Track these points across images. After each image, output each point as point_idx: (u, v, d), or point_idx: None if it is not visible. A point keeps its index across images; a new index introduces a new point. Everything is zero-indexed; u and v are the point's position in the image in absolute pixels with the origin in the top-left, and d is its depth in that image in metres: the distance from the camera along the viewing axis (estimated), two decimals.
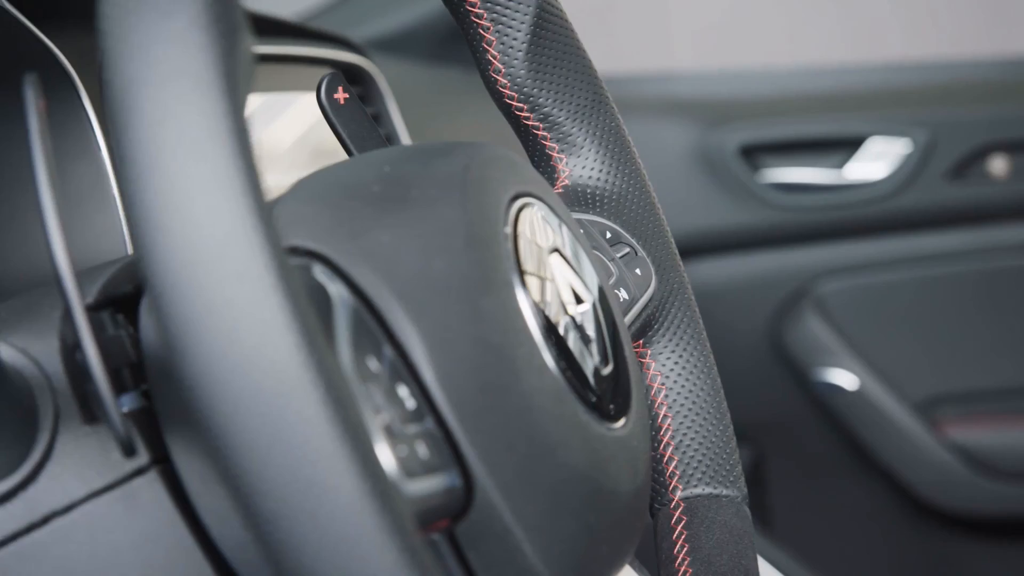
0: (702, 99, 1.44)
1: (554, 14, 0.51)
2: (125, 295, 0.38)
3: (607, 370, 0.41)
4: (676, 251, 0.54)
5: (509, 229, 0.39)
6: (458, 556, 0.37)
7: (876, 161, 1.33)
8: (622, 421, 0.41)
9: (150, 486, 0.36)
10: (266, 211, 0.28)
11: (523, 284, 0.38)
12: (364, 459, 0.28)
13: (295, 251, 0.36)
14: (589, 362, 0.40)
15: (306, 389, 0.27)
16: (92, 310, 0.36)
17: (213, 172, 0.28)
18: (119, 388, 0.36)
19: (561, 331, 0.39)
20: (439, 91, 1.18)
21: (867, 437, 1.35)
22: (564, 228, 0.43)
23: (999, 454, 1.29)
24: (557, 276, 0.41)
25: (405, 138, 0.88)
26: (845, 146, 1.34)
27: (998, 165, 1.31)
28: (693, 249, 1.39)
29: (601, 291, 0.44)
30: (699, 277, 1.40)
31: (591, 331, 0.41)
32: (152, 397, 0.36)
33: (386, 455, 0.32)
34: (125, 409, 0.36)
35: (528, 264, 0.39)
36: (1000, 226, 1.34)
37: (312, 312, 0.28)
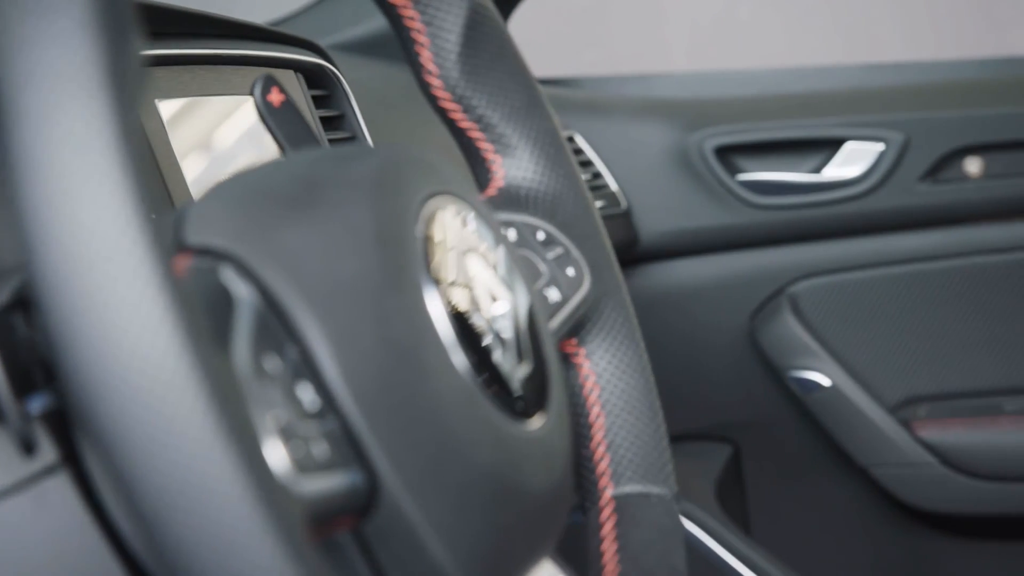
0: (681, 101, 1.44)
1: (486, 16, 0.51)
2: None
3: (524, 370, 0.42)
4: (611, 251, 0.55)
5: (420, 230, 0.40)
6: (367, 554, 0.37)
7: (853, 162, 1.33)
8: (538, 420, 0.42)
9: (59, 486, 0.36)
10: (148, 211, 0.29)
11: (434, 284, 0.39)
12: (245, 456, 0.29)
13: (206, 250, 0.37)
14: (504, 362, 0.41)
15: (184, 387, 0.28)
16: (4, 311, 0.37)
17: (96, 173, 0.28)
18: (29, 388, 0.37)
19: (474, 331, 0.40)
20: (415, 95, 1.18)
21: (843, 436, 1.35)
22: (484, 229, 0.44)
23: (974, 453, 1.30)
24: (473, 277, 0.41)
25: (369, 140, 0.89)
26: (822, 147, 1.35)
27: (973, 166, 1.31)
28: (672, 249, 1.40)
29: (522, 291, 0.44)
30: (678, 277, 1.41)
31: (508, 331, 0.42)
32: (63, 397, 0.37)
33: (278, 453, 0.32)
34: (37, 409, 0.37)
35: (440, 264, 0.40)
36: (975, 227, 1.35)
37: (195, 310, 0.29)
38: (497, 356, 0.41)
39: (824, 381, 1.34)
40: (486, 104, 0.52)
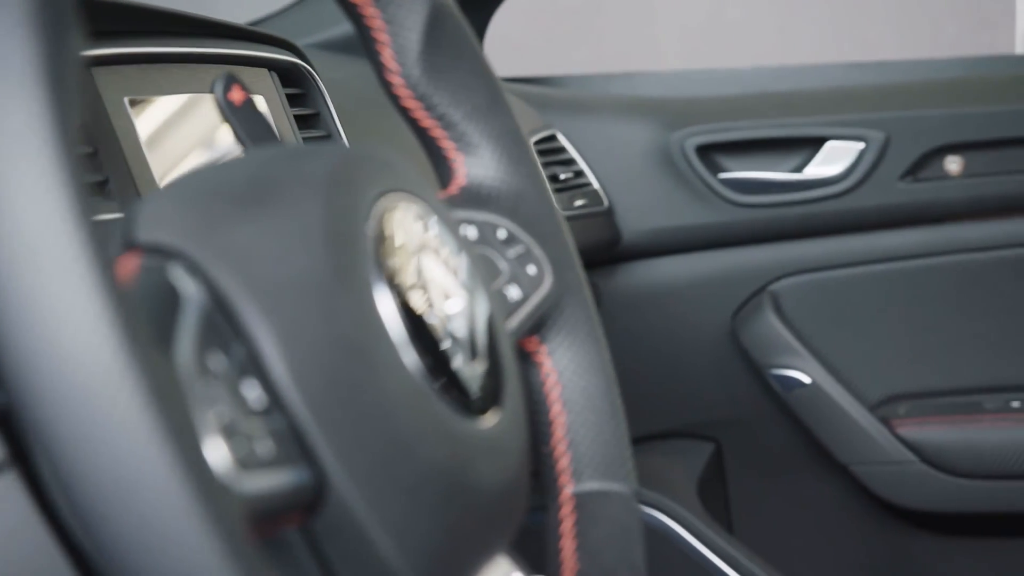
0: (663, 99, 1.45)
1: (448, 15, 0.51)
2: None
3: (478, 368, 0.42)
4: (574, 250, 0.55)
5: (372, 227, 0.40)
6: (316, 552, 0.37)
7: (834, 161, 1.34)
8: (492, 418, 0.42)
9: (8, 485, 0.36)
10: (87, 210, 0.29)
11: (385, 282, 0.39)
12: (182, 453, 0.29)
13: (155, 248, 0.37)
14: (457, 360, 0.41)
15: (120, 385, 0.28)
16: None
17: (32, 173, 0.28)
18: None
19: (427, 329, 0.40)
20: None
21: (824, 434, 1.36)
22: (439, 227, 0.44)
23: (954, 451, 1.30)
24: (427, 275, 0.42)
25: (344, 138, 0.89)
26: (804, 146, 1.35)
27: (953, 165, 1.32)
28: (654, 248, 1.40)
29: (478, 290, 0.44)
30: (660, 275, 1.41)
31: (462, 330, 0.42)
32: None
33: (219, 451, 0.32)
34: None
35: (392, 262, 0.40)
36: (956, 225, 1.35)
37: (134, 307, 0.29)
38: (450, 354, 0.41)
39: (805, 379, 1.34)
40: (448, 103, 0.52)
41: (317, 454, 0.36)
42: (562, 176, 1.32)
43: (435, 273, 0.42)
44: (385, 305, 0.39)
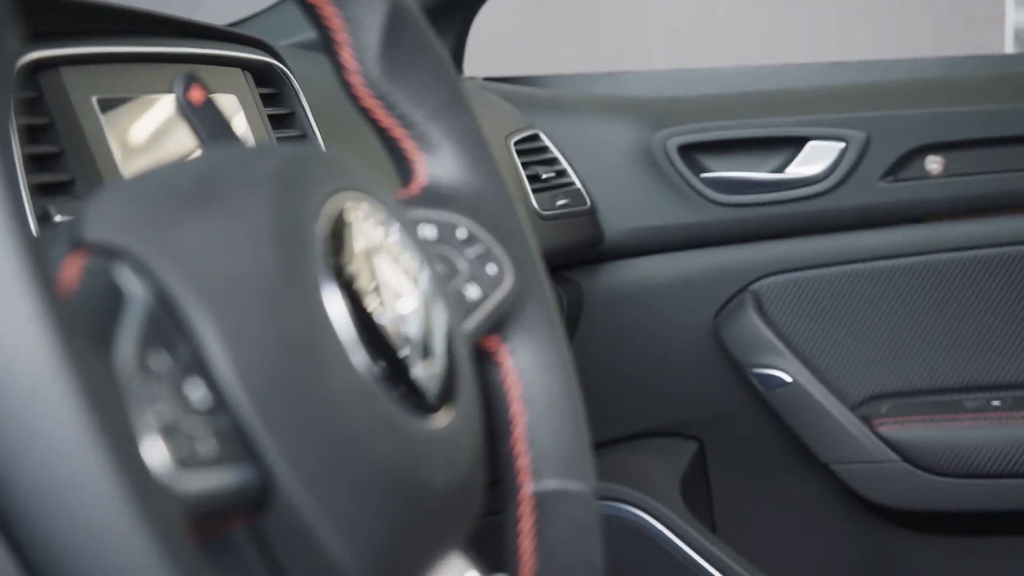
0: (646, 99, 1.45)
1: (407, 14, 0.51)
2: None
3: (430, 367, 0.42)
4: (535, 249, 0.55)
5: (322, 226, 0.40)
6: (264, 551, 0.37)
7: (815, 161, 1.34)
8: (445, 417, 0.42)
9: None
10: (20, 210, 0.29)
11: (335, 281, 0.39)
12: (116, 453, 0.29)
13: (102, 247, 0.37)
14: (408, 359, 0.41)
15: (53, 385, 0.28)
16: None
17: None
18: None
19: (377, 328, 0.40)
20: None
21: (806, 433, 1.36)
22: (393, 226, 0.44)
23: (935, 450, 1.31)
24: (379, 274, 0.42)
25: (319, 138, 0.89)
26: (785, 146, 1.36)
27: (933, 164, 1.32)
28: (637, 247, 1.40)
29: (432, 289, 0.44)
30: (642, 275, 1.42)
31: (414, 329, 0.42)
32: None
33: (157, 450, 0.32)
34: None
35: (342, 262, 0.40)
36: (936, 225, 1.36)
37: (68, 308, 0.29)
38: (401, 353, 0.41)
39: (787, 378, 1.35)
40: (408, 102, 0.52)
41: (262, 453, 0.36)
42: (544, 175, 1.33)
43: (388, 272, 0.42)
44: (334, 304, 0.39)
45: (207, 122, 0.50)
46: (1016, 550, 1.39)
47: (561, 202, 1.33)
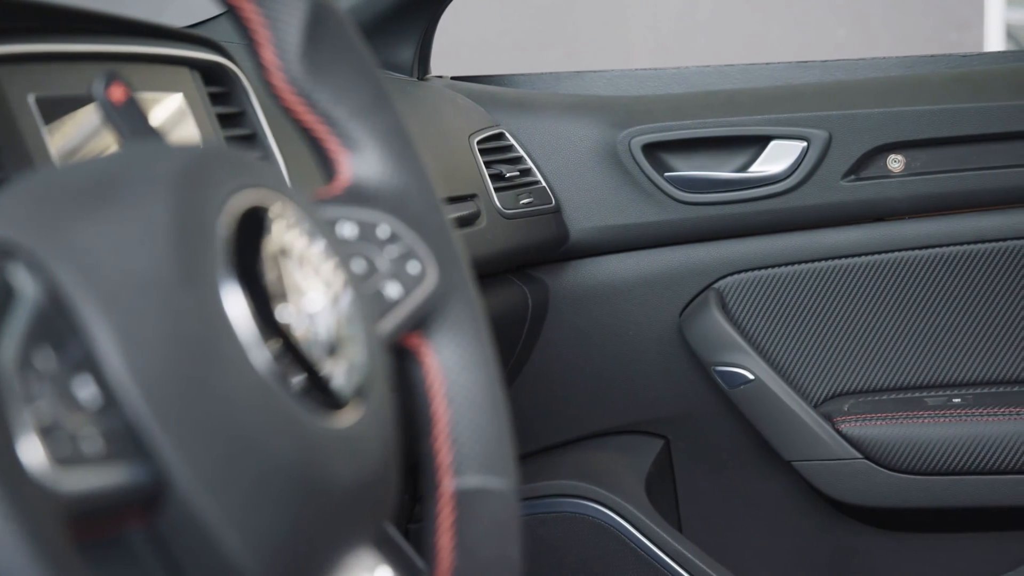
0: (610, 98, 1.45)
1: (329, 13, 0.52)
2: None
3: (338, 366, 0.42)
4: (459, 247, 0.55)
5: (223, 224, 0.40)
6: (161, 551, 0.37)
7: (777, 160, 1.35)
8: (352, 416, 0.42)
9: None
10: None
11: (235, 280, 0.39)
12: None
13: None
14: (313, 358, 0.41)
15: None
16: None
17: None
18: None
19: (280, 328, 0.40)
20: None
21: (769, 431, 1.37)
22: (301, 224, 0.44)
23: (896, 448, 1.31)
24: (284, 272, 0.42)
25: (270, 137, 0.89)
26: (748, 145, 1.36)
27: (895, 163, 1.33)
28: (601, 246, 1.41)
29: (342, 287, 0.45)
30: (607, 273, 1.42)
31: (320, 327, 0.42)
32: None
33: (34, 449, 0.32)
34: None
35: (244, 260, 0.40)
36: (897, 223, 1.36)
37: None
38: (306, 352, 0.41)
39: (749, 376, 1.35)
40: (330, 100, 0.52)
41: (155, 450, 0.36)
42: (508, 174, 1.33)
43: (295, 271, 0.42)
44: (233, 303, 0.39)
45: (128, 121, 0.50)
46: (977, 546, 1.40)
47: (525, 200, 1.34)
